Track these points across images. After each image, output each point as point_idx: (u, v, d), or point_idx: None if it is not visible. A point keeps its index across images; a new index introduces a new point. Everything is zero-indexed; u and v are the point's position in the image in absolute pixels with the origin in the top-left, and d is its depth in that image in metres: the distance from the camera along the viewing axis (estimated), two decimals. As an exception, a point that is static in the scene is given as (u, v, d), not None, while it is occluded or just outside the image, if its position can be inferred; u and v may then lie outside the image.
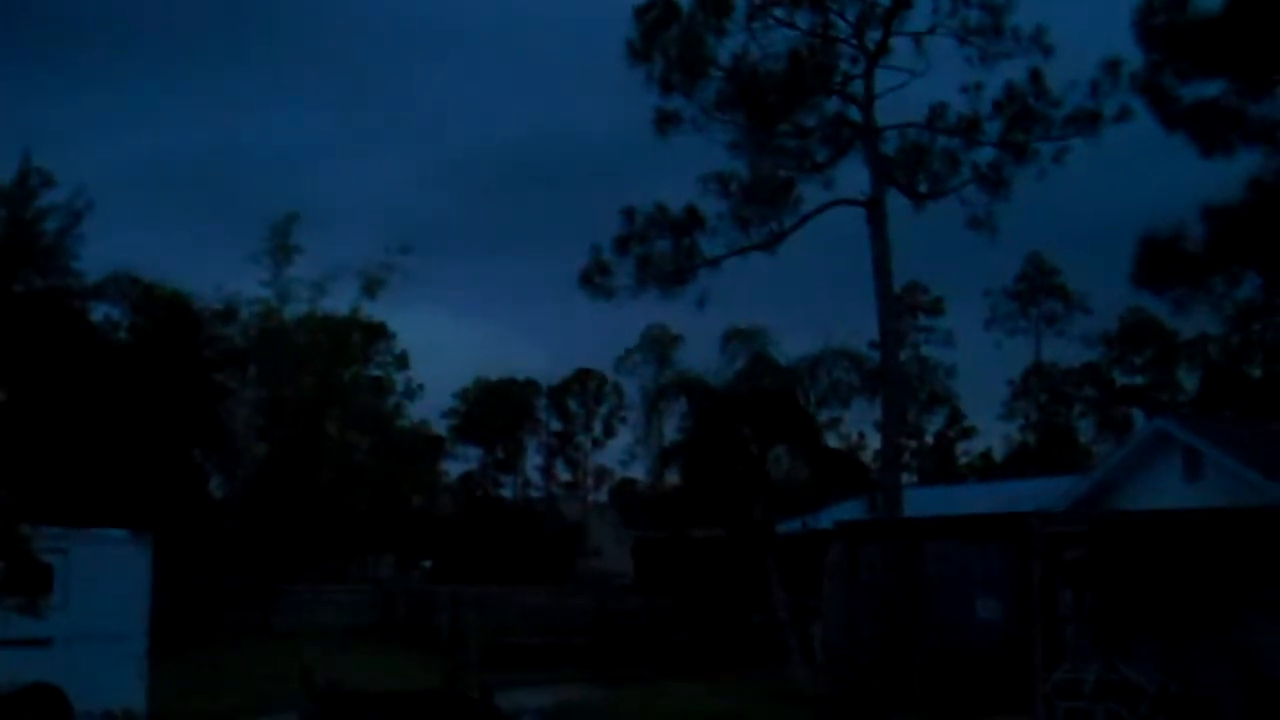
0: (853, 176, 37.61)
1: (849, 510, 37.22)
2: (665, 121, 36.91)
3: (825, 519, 34.24)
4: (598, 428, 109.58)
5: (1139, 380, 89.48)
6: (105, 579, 22.09)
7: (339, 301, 55.70)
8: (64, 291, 45.54)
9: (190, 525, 41.94)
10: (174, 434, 45.35)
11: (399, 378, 78.03)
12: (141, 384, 44.18)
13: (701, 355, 71.37)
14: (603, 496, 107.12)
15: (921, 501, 41.19)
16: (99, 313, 47.08)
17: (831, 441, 52.24)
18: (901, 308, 67.91)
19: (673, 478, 41.82)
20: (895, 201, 36.94)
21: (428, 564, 62.98)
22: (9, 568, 18.52)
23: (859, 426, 69.10)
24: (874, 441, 64.43)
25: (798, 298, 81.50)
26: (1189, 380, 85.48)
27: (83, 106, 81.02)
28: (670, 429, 38.61)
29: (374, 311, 59.28)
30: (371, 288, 54.70)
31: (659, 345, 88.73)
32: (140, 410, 43.65)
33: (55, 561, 21.33)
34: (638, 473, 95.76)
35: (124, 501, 37.84)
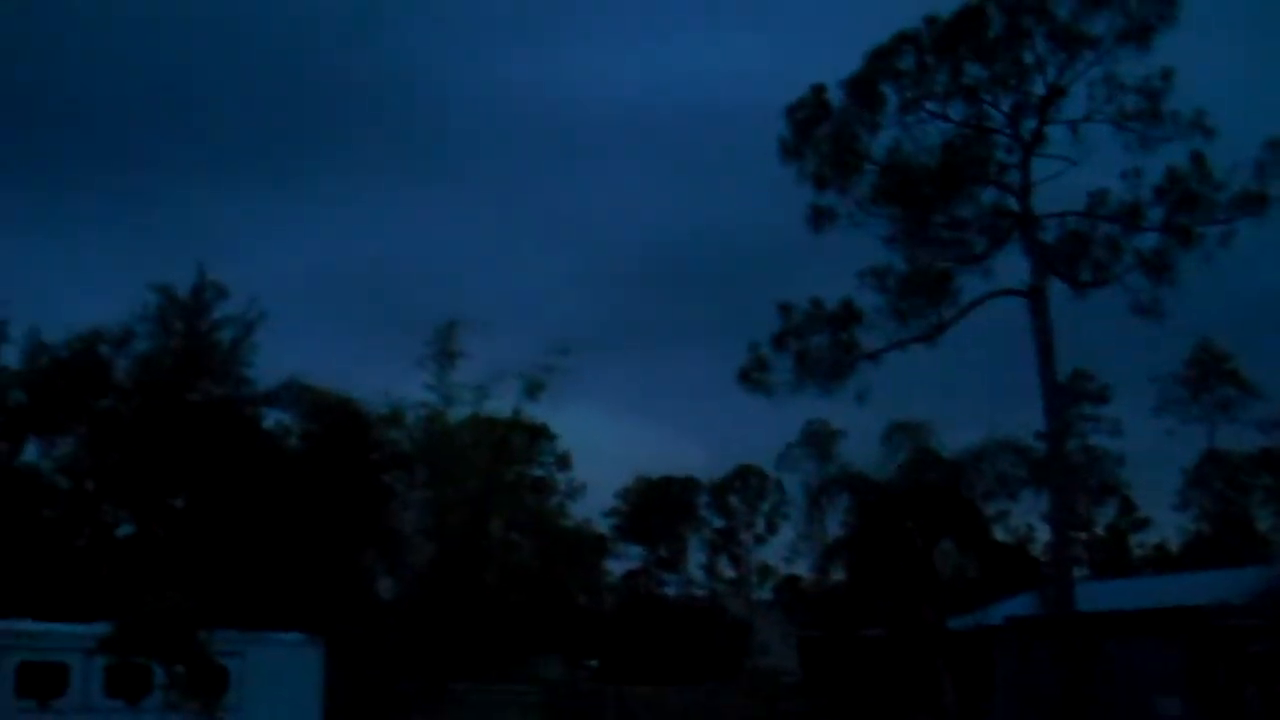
0: (1012, 266, 37.23)
1: (1019, 606, 36.37)
2: (820, 217, 37.00)
3: (995, 615, 33.51)
4: (760, 524, 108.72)
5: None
6: (280, 681, 22.57)
7: (501, 403, 56.40)
8: (238, 399, 47.05)
9: (360, 627, 42.53)
10: (344, 536, 46.22)
11: (561, 478, 78.61)
12: (312, 488, 45.21)
13: (863, 450, 70.78)
14: (767, 594, 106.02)
15: (1095, 596, 40.01)
16: (271, 419, 48.45)
17: (999, 535, 51.28)
18: (1067, 397, 66.60)
19: (838, 574, 41.42)
20: (1056, 289, 36.46)
21: (593, 663, 62.93)
22: (188, 671, 19.02)
23: (1027, 519, 67.54)
24: (1043, 534, 62.96)
25: (960, 390, 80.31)
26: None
27: (255, 218, 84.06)
28: (833, 525, 38.33)
29: (536, 412, 59.87)
30: (533, 389, 55.27)
31: (819, 440, 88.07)
32: (311, 514, 44.63)
33: (232, 664, 21.89)
34: (802, 569, 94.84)
35: (296, 604, 38.59)
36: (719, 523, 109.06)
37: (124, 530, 46.54)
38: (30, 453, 45.08)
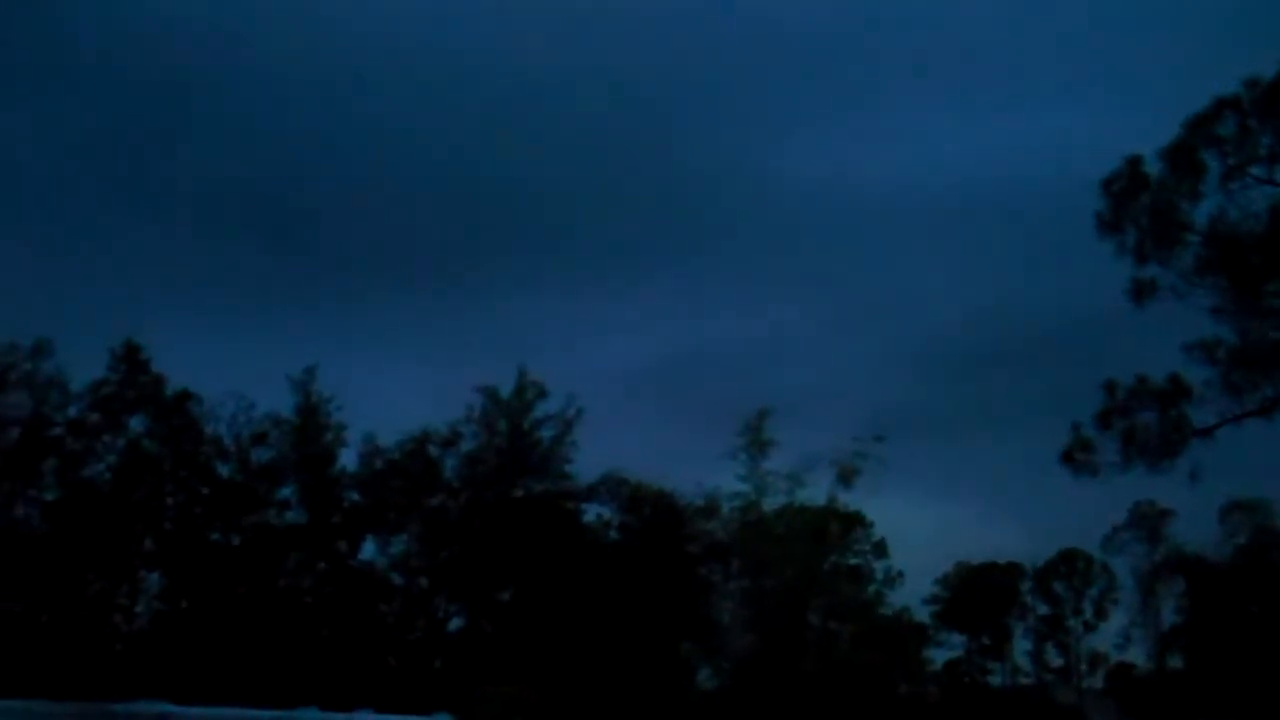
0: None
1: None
2: (1141, 292, 35.69)
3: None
4: (1088, 610, 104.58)
5: None
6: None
7: (815, 491, 56.18)
8: (559, 495, 48.34)
9: (681, 716, 42.74)
10: (663, 627, 46.66)
11: (878, 565, 77.49)
12: (632, 580, 45.91)
13: (1197, 531, 67.46)
14: (1098, 683, 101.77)
15: None
16: (591, 513, 49.54)
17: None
18: None
19: (1174, 662, 39.47)
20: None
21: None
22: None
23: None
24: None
25: (1301, 465, 75.91)
26: None
27: (570, 317, 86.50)
28: (1168, 610, 36.55)
29: (850, 499, 59.41)
30: (846, 476, 54.90)
31: (1149, 522, 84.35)
32: (631, 605, 45.29)
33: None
34: (1135, 657, 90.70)
35: (621, 695, 39.13)
36: (1044, 609, 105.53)
37: (455, 624, 48.17)
38: (367, 550, 47.27)
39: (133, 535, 43.75)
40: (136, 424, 44.80)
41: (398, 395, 56.72)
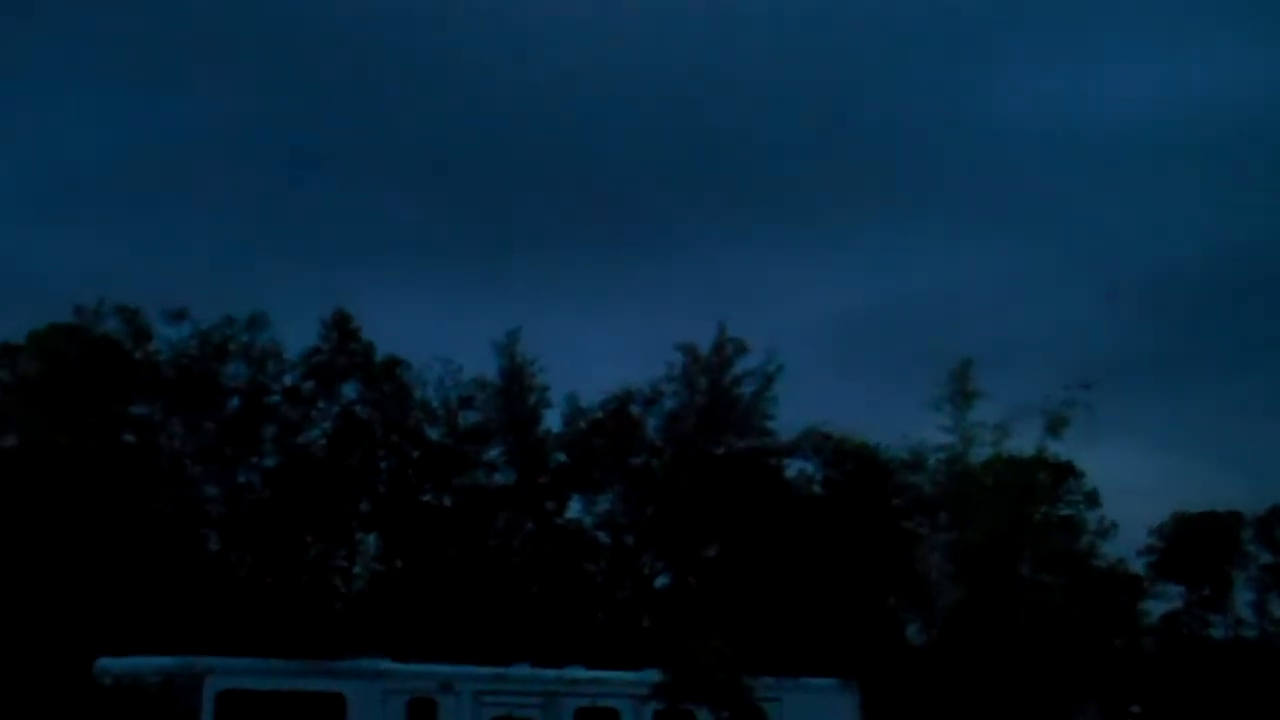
0: None
1: None
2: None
3: None
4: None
5: None
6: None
7: (1023, 442, 55.19)
8: (762, 451, 48.40)
9: (890, 671, 42.57)
10: (869, 582, 46.46)
11: (1091, 516, 75.78)
12: (836, 535, 45.79)
13: None
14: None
15: None
16: (794, 469, 49.51)
17: None
18: None
19: None
20: None
21: (1136, 709, 60.17)
22: (733, 716, 19.69)
23: None
24: None
25: None
26: None
27: (769, 269, 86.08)
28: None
29: (1060, 450, 58.20)
30: (1055, 426, 53.79)
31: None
32: (836, 560, 45.19)
33: (770, 709, 22.41)
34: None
35: (828, 650, 39.11)
36: (1267, 558, 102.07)
37: (661, 581, 48.69)
38: (573, 510, 48.05)
39: (349, 499, 45.21)
40: (349, 390, 46.26)
41: (599, 355, 57.45)
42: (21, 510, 38.32)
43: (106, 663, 23.08)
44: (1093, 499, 76.31)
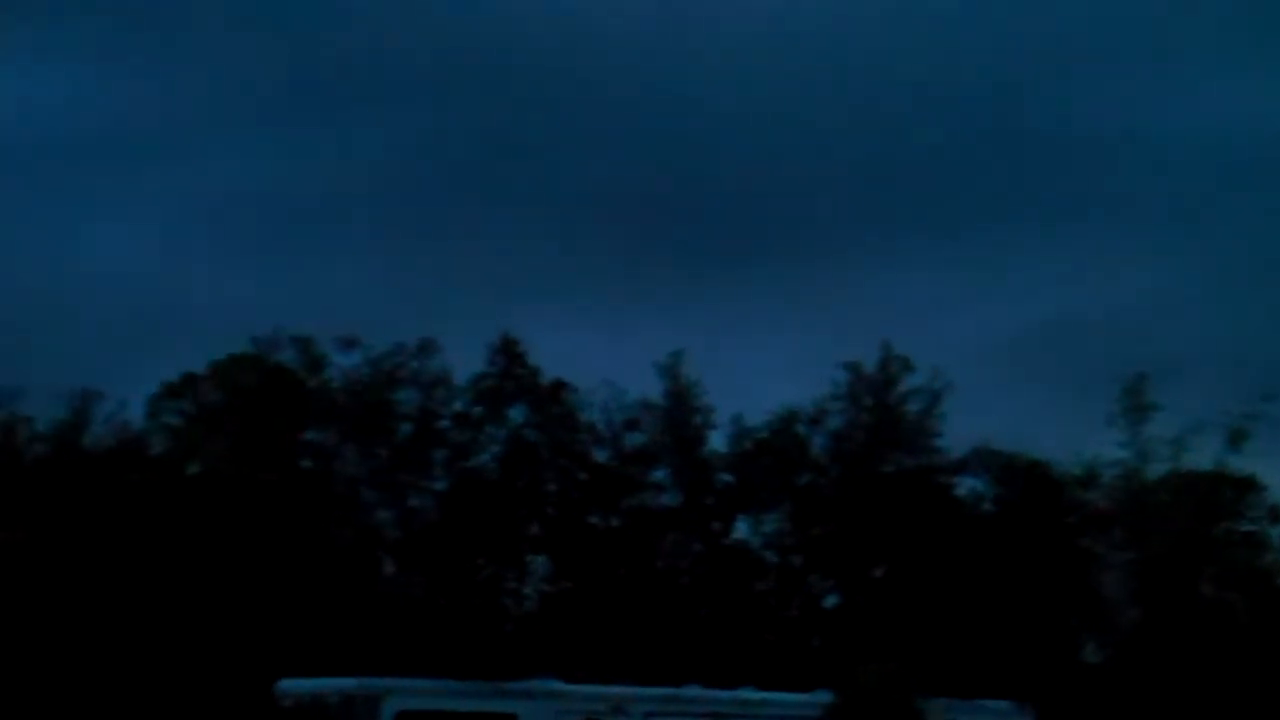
0: None
1: None
2: None
3: None
4: None
5: None
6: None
7: (1202, 456, 53.75)
8: (930, 469, 47.91)
9: (1065, 693, 41.75)
10: (1044, 601, 45.62)
11: (1275, 532, 73.41)
12: (1008, 553, 45.06)
13: None
14: None
15: None
16: (963, 487, 48.87)
17: None
18: None
19: None
20: None
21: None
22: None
23: None
24: None
25: None
26: None
27: (933, 285, 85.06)
28: None
29: (1241, 463, 56.55)
30: (1236, 439, 52.33)
31: None
32: (1009, 579, 44.46)
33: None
34: None
35: (1001, 671, 38.49)
36: None
37: (830, 601, 48.41)
38: (740, 530, 48.04)
39: (518, 521, 45.81)
40: (516, 414, 46.88)
41: (763, 375, 57.27)
42: (205, 536, 39.56)
43: (287, 684, 23.73)
44: (1276, 514, 73.97)
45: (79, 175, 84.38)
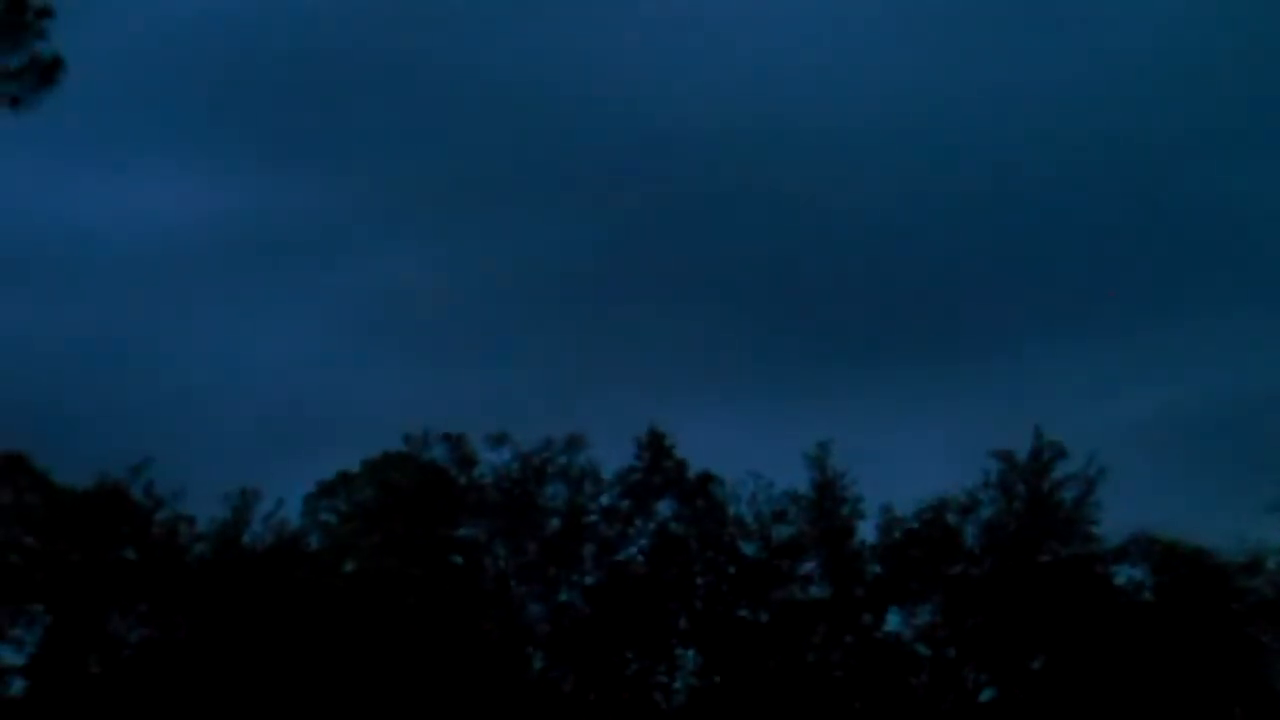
0: None
1: None
2: None
3: None
4: None
5: None
6: None
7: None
8: (1087, 557, 46.86)
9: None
10: (1209, 692, 44.24)
11: None
12: (1171, 643, 43.84)
13: None
14: None
15: None
16: (1122, 575, 47.71)
17: None
18: None
19: None
20: None
21: None
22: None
23: None
24: None
25: None
26: None
27: (1086, 369, 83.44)
28: None
29: None
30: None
31: None
32: (1173, 669, 43.23)
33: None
34: None
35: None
36: None
37: (986, 694, 47.44)
38: (892, 622, 47.40)
39: (667, 615, 45.83)
40: (664, 508, 47.14)
41: (912, 464, 56.63)
42: (362, 632, 40.26)
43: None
44: None
45: (240, 278, 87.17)
